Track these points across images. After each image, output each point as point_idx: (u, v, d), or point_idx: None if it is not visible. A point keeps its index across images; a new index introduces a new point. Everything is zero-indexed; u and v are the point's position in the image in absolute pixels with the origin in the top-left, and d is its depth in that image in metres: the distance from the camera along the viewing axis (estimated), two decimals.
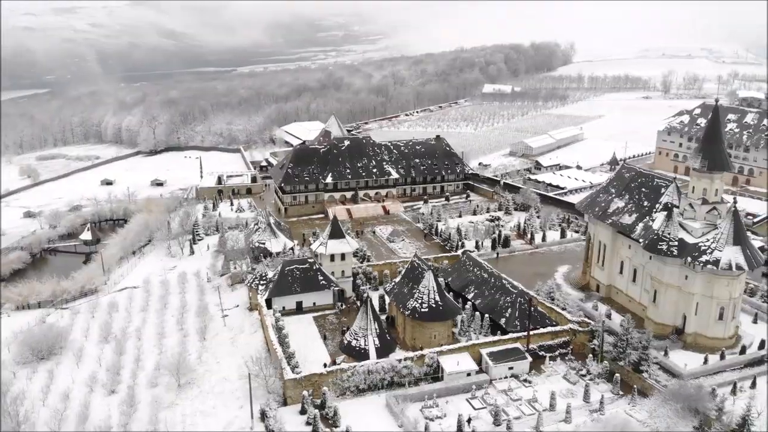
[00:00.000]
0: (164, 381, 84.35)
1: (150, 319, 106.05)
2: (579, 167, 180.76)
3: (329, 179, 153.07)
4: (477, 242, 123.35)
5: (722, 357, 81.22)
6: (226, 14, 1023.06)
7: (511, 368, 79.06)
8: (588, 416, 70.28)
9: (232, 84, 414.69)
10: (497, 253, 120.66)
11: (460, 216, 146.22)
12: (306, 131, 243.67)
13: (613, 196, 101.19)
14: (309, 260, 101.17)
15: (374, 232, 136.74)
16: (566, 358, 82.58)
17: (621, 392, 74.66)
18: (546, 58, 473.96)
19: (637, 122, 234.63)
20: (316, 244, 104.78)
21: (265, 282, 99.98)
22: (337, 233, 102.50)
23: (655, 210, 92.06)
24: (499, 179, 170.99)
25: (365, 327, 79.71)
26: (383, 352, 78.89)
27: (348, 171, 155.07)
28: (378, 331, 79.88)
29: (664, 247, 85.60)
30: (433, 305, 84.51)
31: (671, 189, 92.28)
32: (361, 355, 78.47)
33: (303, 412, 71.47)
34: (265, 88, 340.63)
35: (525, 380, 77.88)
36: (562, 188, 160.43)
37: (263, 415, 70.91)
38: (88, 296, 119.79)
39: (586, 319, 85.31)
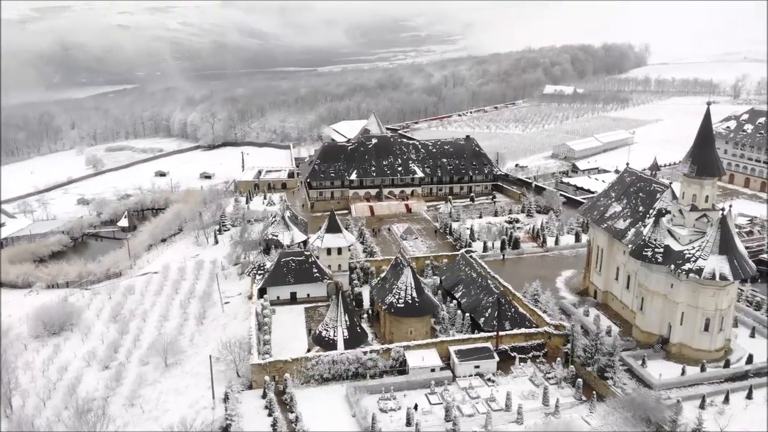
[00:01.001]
0: (154, 360, 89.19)
1: (159, 302, 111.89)
2: (617, 171, 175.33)
3: (354, 176, 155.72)
4: (485, 243, 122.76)
5: (702, 369, 78.36)
6: (310, 15, 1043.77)
7: (477, 367, 79.06)
8: (542, 419, 69.61)
9: (298, 83, 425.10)
10: (503, 255, 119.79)
11: (480, 216, 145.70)
12: (353, 129, 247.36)
13: (612, 200, 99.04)
14: (305, 252, 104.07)
15: (389, 230, 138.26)
16: (537, 360, 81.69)
17: (583, 397, 73.41)
18: (617, 59, 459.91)
19: (695, 127, 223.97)
20: (313, 238, 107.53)
21: (263, 272, 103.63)
22: (333, 228, 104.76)
23: (648, 215, 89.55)
24: (530, 181, 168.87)
25: (335, 319, 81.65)
26: (352, 343, 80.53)
27: (373, 168, 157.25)
28: (348, 323, 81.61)
29: (649, 254, 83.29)
30: (410, 301, 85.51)
31: (666, 194, 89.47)
32: (329, 345, 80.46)
33: (265, 396, 74.21)
34: (324, 88, 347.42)
35: (489, 379, 77.75)
36: (593, 192, 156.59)
37: (226, 397, 74.13)
38: (111, 279, 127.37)
39: (562, 323, 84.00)
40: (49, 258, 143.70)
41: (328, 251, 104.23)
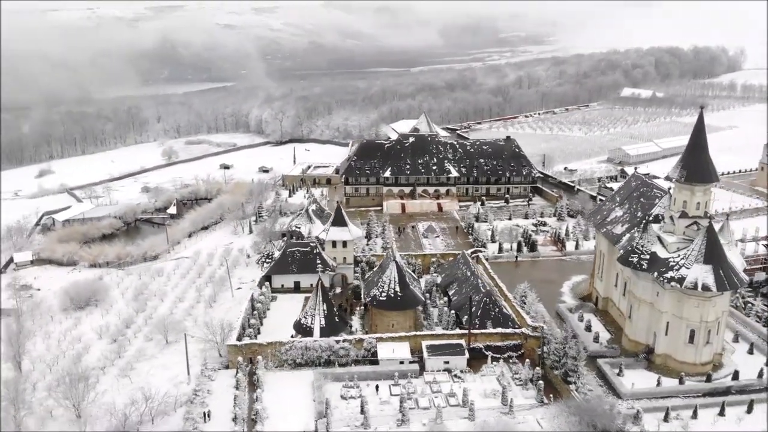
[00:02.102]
0: (157, 338, 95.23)
1: (180, 285, 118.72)
2: (668, 178, 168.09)
3: (388, 173, 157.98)
4: (500, 244, 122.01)
5: (681, 382, 75.58)
6: (407, 16, 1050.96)
7: (446, 362, 79.80)
8: (495, 417, 69.62)
9: (374, 83, 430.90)
10: (516, 257, 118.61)
11: (510, 218, 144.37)
12: (409, 128, 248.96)
13: (616, 204, 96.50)
14: (310, 244, 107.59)
15: (413, 227, 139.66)
16: (510, 360, 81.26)
17: (545, 400, 72.72)
18: (706, 63, 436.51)
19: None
20: (319, 230, 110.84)
21: (270, 260, 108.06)
22: (339, 221, 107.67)
23: (644, 221, 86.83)
24: (573, 185, 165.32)
25: (314, 307, 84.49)
26: (327, 332, 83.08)
27: (407, 167, 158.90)
28: (326, 312, 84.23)
29: (635, 260, 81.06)
30: (392, 294, 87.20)
31: (664, 200, 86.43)
32: (306, 332, 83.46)
33: (250, 373, 78.26)
34: (393, 87, 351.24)
35: (455, 375, 78.30)
36: None
37: (202, 374, 78.68)
38: (147, 261, 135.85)
39: (539, 325, 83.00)
40: (100, 239, 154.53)
41: (333, 244, 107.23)
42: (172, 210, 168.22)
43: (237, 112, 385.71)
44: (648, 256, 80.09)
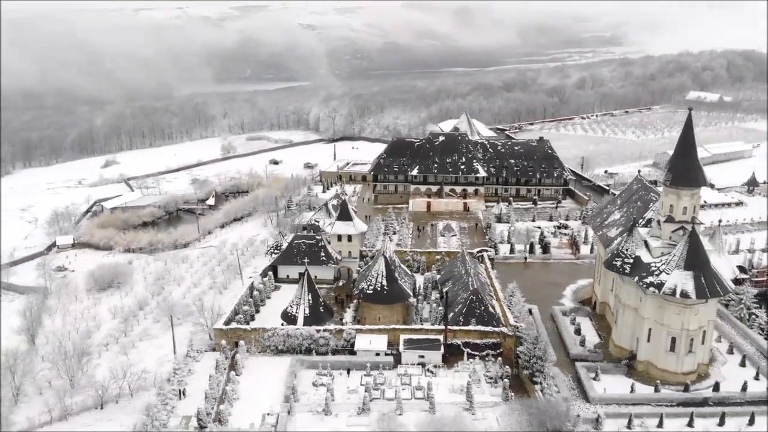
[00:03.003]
0: (164, 320, 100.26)
1: (199, 271, 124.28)
2: (712, 185, 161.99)
3: (415, 171, 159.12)
4: (512, 245, 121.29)
5: (656, 390, 73.86)
6: (487, 16, 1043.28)
7: (422, 356, 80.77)
8: (456, 412, 70.18)
9: (433, 82, 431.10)
10: (525, 258, 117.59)
11: (533, 220, 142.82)
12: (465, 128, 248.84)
13: (616, 208, 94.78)
14: (316, 236, 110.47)
15: (432, 225, 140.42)
16: (486, 358, 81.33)
17: (509, 398, 72.67)
18: None
19: None
20: (325, 223, 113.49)
21: (278, 251, 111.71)
22: (345, 216, 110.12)
23: (637, 225, 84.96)
24: (608, 188, 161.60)
25: (300, 297, 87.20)
26: (311, 321, 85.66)
27: (435, 165, 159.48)
28: (311, 302, 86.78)
29: (619, 264, 79.68)
30: (379, 288, 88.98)
31: (658, 204, 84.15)
32: (291, 320, 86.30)
33: (228, 356, 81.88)
34: (448, 87, 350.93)
35: (428, 370, 79.23)
36: None
37: (188, 354, 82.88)
38: (177, 248, 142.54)
39: (519, 325, 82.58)
40: (140, 227, 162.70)
41: (339, 237, 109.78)
42: (211, 201, 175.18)
43: (299, 110, 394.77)
44: (632, 261, 78.60)
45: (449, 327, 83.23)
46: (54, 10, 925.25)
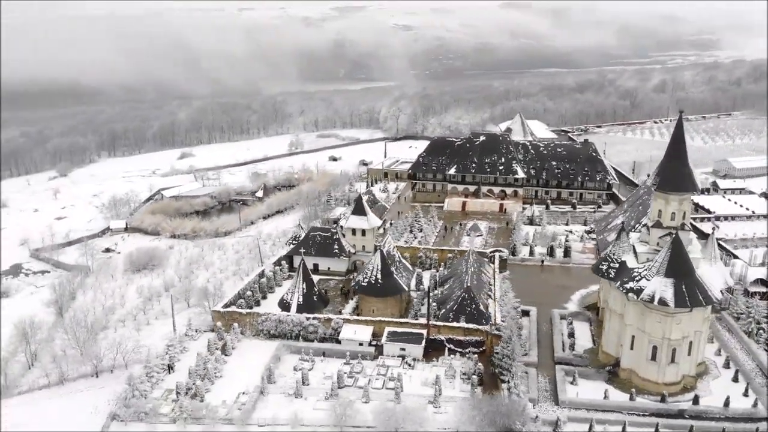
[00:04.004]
0: (183, 301, 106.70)
1: (230, 258, 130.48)
2: (765, 194, 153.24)
3: (452, 171, 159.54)
4: (531, 248, 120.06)
5: (631, 398, 72.23)
6: (585, 16, 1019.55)
7: (403, 349, 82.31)
8: (420, 403, 71.32)
9: (511, 82, 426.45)
10: (542, 261, 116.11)
11: (567, 223, 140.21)
12: (516, 128, 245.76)
13: (621, 212, 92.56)
14: (332, 229, 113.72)
15: (461, 225, 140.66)
16: (467, 355, 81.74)
17: (475, 393, 73.07)
18: None
19: None
20: (340, 217, 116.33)
21: (296, 242, 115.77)
22: (359, 210, 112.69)
23: (633, 229, 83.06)
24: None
25: (295, 285, 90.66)
26: (304, 308, 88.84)
27: (473, 165, 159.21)
28: (305, 291, 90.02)
29: (605, 268, 78.38)
30: (373, 281, 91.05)
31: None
32: (286, 307, 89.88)
33: (220, 338, 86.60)
34: (519, 87, 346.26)
35: (407, 363, 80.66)
36: (711, 213, 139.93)
37: (185, 333, 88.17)
38: (218, 236, 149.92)
39: (500, 324, 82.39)
40: (192, 215, 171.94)
41: (353, 231, 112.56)
42: (260, 194, 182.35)
43: (371, 109, 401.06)
44: (617, 265, 77.06)
45: (433, 323, 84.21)
46: (160, 9, 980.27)
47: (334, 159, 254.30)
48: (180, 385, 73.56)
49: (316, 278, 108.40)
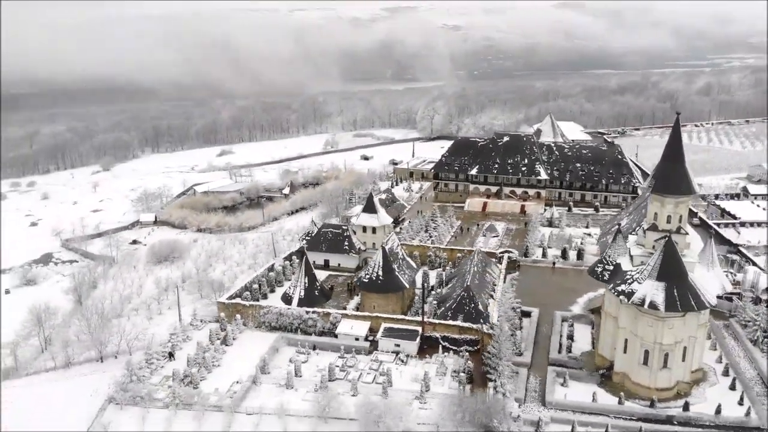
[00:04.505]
0: (196, 293, 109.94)
1: (248, 252, 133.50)
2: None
3: (474, 171, 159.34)
4: (544, 249, 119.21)
5: (620, 402, 71.52)
6: (641, 17, 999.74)
7: (397, 345, 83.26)
8: (407, 399, 72.25)
9: (555, 83, 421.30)
10: (554, 263, 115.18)
11: (587, 226, 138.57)
12: (548, 129, 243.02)
13: (626, 214, 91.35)
14: (343, 226, 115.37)
15: (478, 225, 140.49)
16: (460, 353, 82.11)
17: (464, 390, 73.56)
18: None
19: None
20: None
21: (309, 238, 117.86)
22: (370, 208, 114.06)
23: (617, 231, 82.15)
24: None
25: (297, 280, 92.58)
26: (305, 302, 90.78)
27: (496, 166, 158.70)
28: (306, 285, 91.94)
29: (599, 270, 77.78)
30: (374, 278, 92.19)
31: None
32: (288, 301, 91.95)
33: (222, 328, 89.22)
34: (557, 88, 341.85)
35: (399, 359, 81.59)
36: (737, 218, 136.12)
37: (190, 323, 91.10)
38: (242, 231, 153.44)
39: (493, 324, 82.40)
40: (221, 209, 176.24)
41: (364, 229, 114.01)
42: (286, 191, 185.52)
43: (409, 109, 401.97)
44: (612, 268, 76.35)
45: (428, 320, 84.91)
46: (215, 10, 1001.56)
47: (366, 158, 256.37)
48: (176, 372, 76.25)
49: (325, 274, 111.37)
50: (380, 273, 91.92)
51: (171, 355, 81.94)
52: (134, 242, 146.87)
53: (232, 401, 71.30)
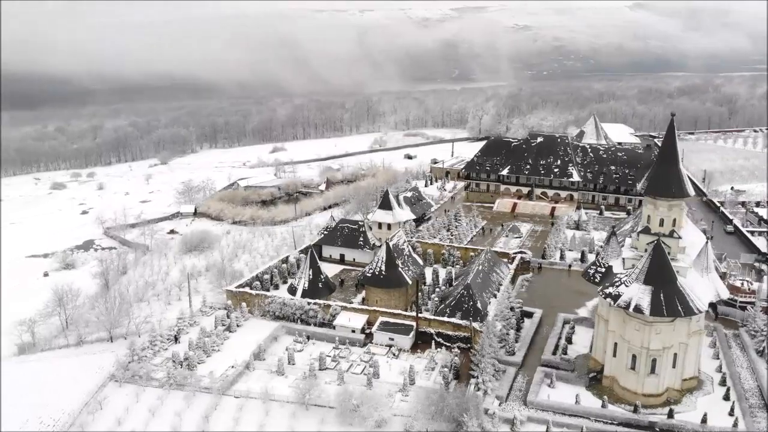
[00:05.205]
0: (215, 278, 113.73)
1: (273, 244, 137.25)
2: None
3: (505, 171, 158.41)
4: (561, 252, 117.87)
5: (603, 405, 70.74)
6: (718, 18, 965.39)
7: (391, 339, 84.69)
8: (391, 390, 73.62)
9: (615, 85, 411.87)
10: (569, 265, 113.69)
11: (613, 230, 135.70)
12: (592, 131, 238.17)
13: (633, 217, 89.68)
14: (359, 222, 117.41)
15: (502, 226, 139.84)
16: (451, 350, 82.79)
17: (449, 384, 74.33)
18: None
19: None
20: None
21: (326, 232, 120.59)
22: (385, 205, 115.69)
23: (612, 234, 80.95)
24: (718, 205, 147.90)
25: (302, 272, 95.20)
26: (309, 294, 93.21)
27: (527, 167, 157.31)
28: (311, 277, 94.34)
29: (592, 272, 77.00)
30: (377, 273, 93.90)
31: None
32: (293, 292, 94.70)
33: (229, 315, 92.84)
34: (612, 89, 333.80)
35: (391, 352, 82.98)
36: None
37: (200, 309, 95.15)
38: (274, 225, 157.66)
39: (483, 323, 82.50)
40: (258, 204, 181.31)
41: (379, 225, 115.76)
42: (322, 187, 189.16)
43: (462, 109, 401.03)
44: (603, 270, 75.50)
45: (422, 316, 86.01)
46: (283, 10, 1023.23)
47: (410, 157, 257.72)
48: (176, 354, 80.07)
49: (340, 267, 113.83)
50: (383, 268, 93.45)
51: (176, 339, 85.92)
52: (172, 232, 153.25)
53: (221, 384, 74.36)
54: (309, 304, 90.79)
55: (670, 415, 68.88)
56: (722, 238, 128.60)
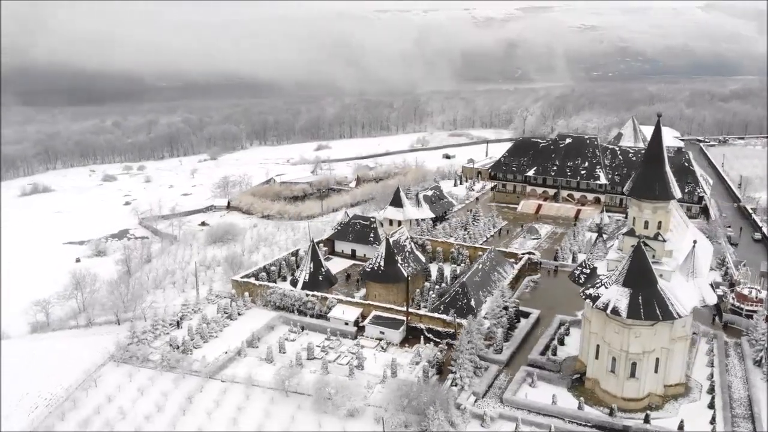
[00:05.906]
0: (228, 268, 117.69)
1: (294, 238, 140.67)
2: None
3: (531, 172, 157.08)
4: (573, 254, 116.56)
5: (579, 407, 70.41)
6: None
7: (382, 332, 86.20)
8: (373, 381, 75.20)
9: (670, 87, 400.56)
10: None
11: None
12: (631, 133, 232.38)
13: None
14: (371, 218, 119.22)
15: (521, 227, 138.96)
16: (439, 345, 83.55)
17: (428, 377, 75.39)
18: None
19: None
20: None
21: (340, 228, 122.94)
22: (397, 202, 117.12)
23: (599, 235, 79.94)
24: (750, 212, 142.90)
25: (304, 265, 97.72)
26: (309, 286, 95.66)
27: (554, 168, 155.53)
28: (312, 269, 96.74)
29: (577, 273, 76.51)
30: (376, 268, 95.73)
31: None
32: (294, 284, 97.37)
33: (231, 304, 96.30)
34: (659, 92, 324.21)
35: (380, 345, 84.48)
36: None
37: (206, 297, 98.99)
38: (300, 219, 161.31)
39: (467, 320, 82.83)
40: (290, 199, 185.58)
41: (390, 222, 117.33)
42: (352, 184, 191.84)
43: (511, 110, 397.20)
44: (588, 271, 74.95)
45: (412, 311, 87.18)
46: (344, 11, 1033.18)
47: (448, 157, 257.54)
48: (175, 338, 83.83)
49: (350, 262, 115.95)
50: (382, 264, 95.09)
51: (179, 324, 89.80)
52: (203, 224, 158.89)
53: (209, 368, 77.49)
54: (307, 295, 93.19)
55: (646, 419, 67.93)
56: (748, 245, 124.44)
